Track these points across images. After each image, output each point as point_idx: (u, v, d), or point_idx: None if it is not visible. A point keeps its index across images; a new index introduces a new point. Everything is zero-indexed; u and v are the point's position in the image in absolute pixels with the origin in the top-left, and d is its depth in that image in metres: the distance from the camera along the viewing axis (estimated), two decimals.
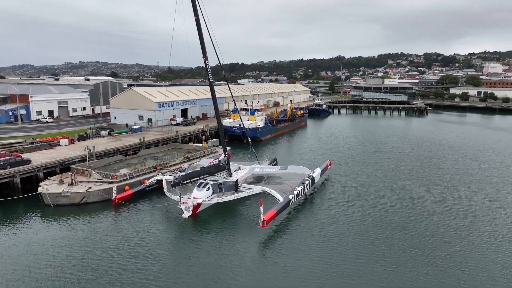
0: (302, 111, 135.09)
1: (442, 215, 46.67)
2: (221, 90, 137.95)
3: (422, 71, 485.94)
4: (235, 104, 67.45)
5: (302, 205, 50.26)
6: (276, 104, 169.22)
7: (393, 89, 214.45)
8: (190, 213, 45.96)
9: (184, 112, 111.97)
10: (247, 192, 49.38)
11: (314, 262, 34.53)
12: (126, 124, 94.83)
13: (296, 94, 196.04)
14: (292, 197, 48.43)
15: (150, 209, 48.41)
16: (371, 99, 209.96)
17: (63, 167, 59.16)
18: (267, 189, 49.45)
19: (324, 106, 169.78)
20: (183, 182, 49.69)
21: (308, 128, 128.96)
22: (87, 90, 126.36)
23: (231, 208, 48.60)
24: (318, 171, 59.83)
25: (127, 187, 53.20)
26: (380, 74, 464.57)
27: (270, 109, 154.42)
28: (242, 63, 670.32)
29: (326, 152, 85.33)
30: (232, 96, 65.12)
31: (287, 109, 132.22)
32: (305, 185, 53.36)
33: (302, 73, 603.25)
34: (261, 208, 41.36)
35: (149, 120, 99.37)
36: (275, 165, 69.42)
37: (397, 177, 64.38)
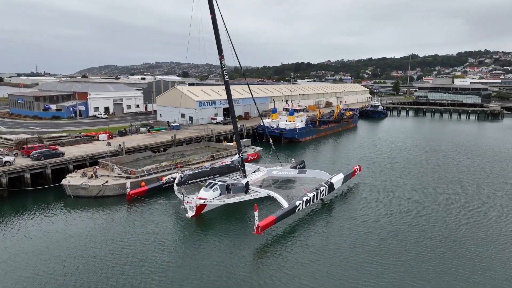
0: (351, 112, 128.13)
1: (477, 243, 39.10)
2: (268, 89, 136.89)
3: (510, 70, 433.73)
4: (256, 105, 65.54)
5: (310, 214, 46.78)
6: (328, 104, 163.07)
7: (464, 90, 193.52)
8: (193, 213, 45.51)
9: (227, 111, 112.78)
10: (252, 196, 47.58)
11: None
12: (168, 121, 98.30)
13: (352, 95, 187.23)
14: (300, 203, 45.43)
15: (159, 206, 48.90)
16: (438, 101, 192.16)
17: (93, 161, 62.79)
18: (272, 193, 47.20)
19: (380, 108, 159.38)
20: (190, 182, 49.48)
21: (357, 131, 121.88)
22: (141, 88, 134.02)
23: (238, 210, 46.98)
24: (339, 177, 55.60)
25: (143, 183, 54.48)
26: (458, 73, 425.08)
27: (320, 109, 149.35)
28: (308, 63, 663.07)
29: (364, 157, 79.41)
30: (252, 96, 63.44)
31: (340, 110, 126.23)
32: (319, 191, 49.83)
33: (370, 73, 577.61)
34: (256, 213, 39.22)
35: (190, 118, 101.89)
36: (302, 168, 66.40)
37: (435, 190, 56.81)
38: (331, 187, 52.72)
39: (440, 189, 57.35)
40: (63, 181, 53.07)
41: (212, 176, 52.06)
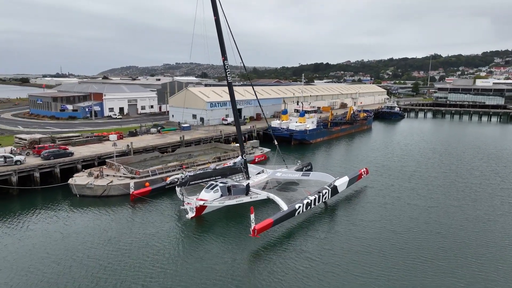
0: (365, 114, 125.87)
1: (482, 253, 37.09)
2: (281, 90, 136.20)
3: None
4: (260, 106, 65.27)
5: (310, 217, 45.96)
6: (343, 105, 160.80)
7: (486, 91, 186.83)
8: (193, 214, 45.61)
9: (239, 112, 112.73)
10: (251, 198, 47.32)
11: None
12: (179, 122, 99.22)
13: (368, 96, 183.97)
14: (300, 206, 44.85)
15: (161, 207, 49.21)
16: (459, 102, 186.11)
17: (101, 161, 63.95)
18: (271, 196, 46.84)
19: (396, 109, 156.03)
20: (191, 183, 49.63)
21: (371, 132, 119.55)
22: (155, 89, 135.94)
23: (239, 212, 46.61)
24: (344, 180, 54.60)
25: (147, 183, 55.06)
26: (483, 74, 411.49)
27: (335, 110, 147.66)
28: (327, 63, 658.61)
29: (373, 159, 77.70)
30: (257, 98, 63.22)
31: (354, 111, 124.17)
32: (321, 194, 49.05)
33: (390, 73, 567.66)
34: (252, 216, 38.95)
35: (201, 119, 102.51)
36: (309, 170, 65.71)
37: (444, 196, 54.68)
38: (334, 190, 51.81)
39: (449, 195, 55.31)
40: (70, 181, 54.28)
41: (214, 178, 52.11)
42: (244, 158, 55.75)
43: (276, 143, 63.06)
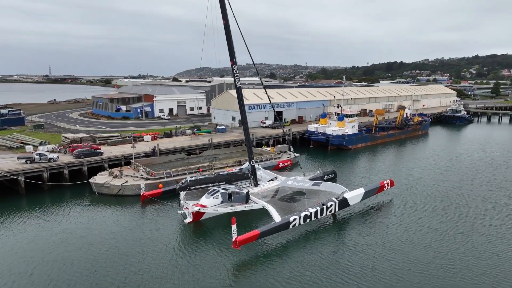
0: (419, 118, 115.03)
1: None
2: (329, 92, 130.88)
3: None
4: (273, 109, 62.86)
5: (305, 232, 42.79)
6: (401, 108, 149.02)
7: None
8: (191, 219, 45.76)
9: (280, 115, 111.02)
10: (245, 207, 45.90)
11: None
12: (216, 124, 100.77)
13: (433, 97, 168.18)
14: (295, 219, 42.36)
15: (166, 209, 50.03)
16: None
17: (127, 161, 67.41)
18: (266, 205, 44.98)
19: (463, 113, 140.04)
20: (191, 188, 49.71)
21: (425, 139, 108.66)
22: (204, 91, 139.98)
23: (240, 220, 45.09)
24: (358, 192, 50.37)
25: (160, 185, 56.63)
26: None
27: (390, 113, 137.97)
28: (401, 62, 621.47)
29: (409, 170, 70.26)
30: (270, 101, 61.09)
31: (407, 115, 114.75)
32: (325, 207, 45.76)
33: (474, 72, 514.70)
34: (233, 226, 37.68)
35: (240, 121, 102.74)
36: (332, 179, 62.35)
37: (477, 220, 46.30)
38: (343, 203, 47.94)
39: (484, 219, 46.87)
40: (91, 179, 58.07)
41: (218, 183, 51.59)
42: (252, 164, 54.36)
43: (292, 149, 60.45)
